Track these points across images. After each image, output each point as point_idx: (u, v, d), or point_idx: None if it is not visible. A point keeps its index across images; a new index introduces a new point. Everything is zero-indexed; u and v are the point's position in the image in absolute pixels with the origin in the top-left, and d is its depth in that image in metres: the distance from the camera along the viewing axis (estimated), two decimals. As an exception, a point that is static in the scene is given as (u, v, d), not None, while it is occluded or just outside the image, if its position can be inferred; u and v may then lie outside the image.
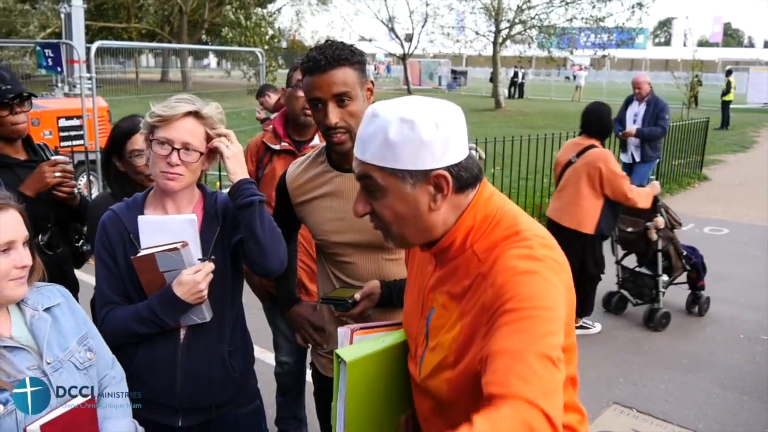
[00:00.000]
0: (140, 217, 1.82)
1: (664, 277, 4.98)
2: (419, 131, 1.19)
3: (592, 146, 4.52)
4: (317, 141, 2.80)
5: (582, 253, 4.49)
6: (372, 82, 1.89)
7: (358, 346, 1.48)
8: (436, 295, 1.35)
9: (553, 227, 4.49)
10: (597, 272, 4.69)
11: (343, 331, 1.52)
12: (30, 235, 1.54)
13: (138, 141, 2.25)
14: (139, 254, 1.77)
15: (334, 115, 1.78)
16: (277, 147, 2.88)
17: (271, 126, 3.03)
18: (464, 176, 1.25)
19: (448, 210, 1.27)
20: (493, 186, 1.37)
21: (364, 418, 1.43)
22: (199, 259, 1.81)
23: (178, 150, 1.77)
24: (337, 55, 1.76)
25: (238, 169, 1.81)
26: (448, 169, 1.22)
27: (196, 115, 1.80)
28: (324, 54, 1.76)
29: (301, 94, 2.77)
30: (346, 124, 1.79)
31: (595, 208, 4.46)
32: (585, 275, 4.50)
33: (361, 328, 1.54)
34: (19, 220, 1.51)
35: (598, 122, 4.55)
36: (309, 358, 3.04)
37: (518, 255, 1.19)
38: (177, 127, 1.77)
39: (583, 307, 4.68)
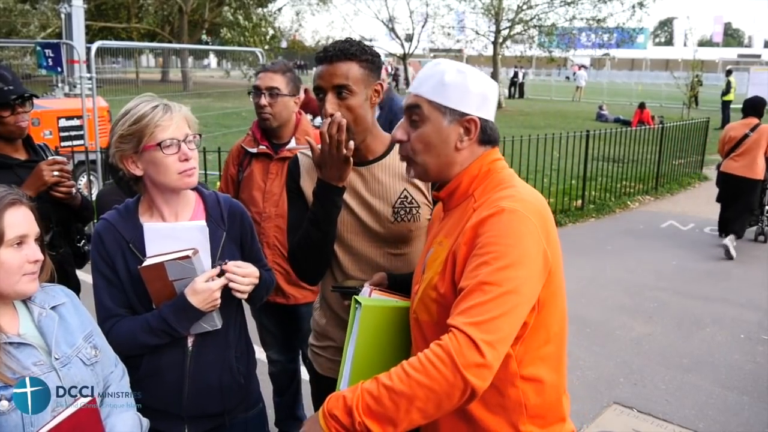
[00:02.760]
0: (146, 225, 1.78)
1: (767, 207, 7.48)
2: (468, 81, 1.48)
3: (758, 123, 6.87)
4: (293, 144, 2.82)
5: (753, 194, 6.93)
6: (381, 84, 1.88)
7: (375, 299, 1.68)
8: (438, 238, 1.56)
9: (734, 180, 6.91)
10: (756, 207, 7.17)
11: (364, 290, 1.74)
12: (41, 232, 1.56)
13: None
14: (146, 263, 1.71)
15: (331, 105, 1.79)
16: (254, 150, 2.90)
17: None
18: (488, 132, 1.53)
19: (467, 155, 1.52)
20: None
21: (369, 368, 1.55)
22: (217, 276, 1.77)
23: (185, 142, 1.75)
24: (345, 49, 1.80)
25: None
26: (479, 119, 1.49)
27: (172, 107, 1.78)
28: (334, 46, 1.82)
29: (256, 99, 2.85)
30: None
31: (764, 163, 6.84)
32: (750, 209, 7.04)
33: (380, 290, 1.74)
34: (31, 216, 1.54)
35: (757, 106, 7.01)
36: (303, 358, 3.08)
37: (504, 196, 1.42)
38: (176, 124, 1.74)
39: (741, 230, 7.06)
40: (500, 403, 1.42)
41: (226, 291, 1.80)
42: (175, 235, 1.76)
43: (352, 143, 1.74)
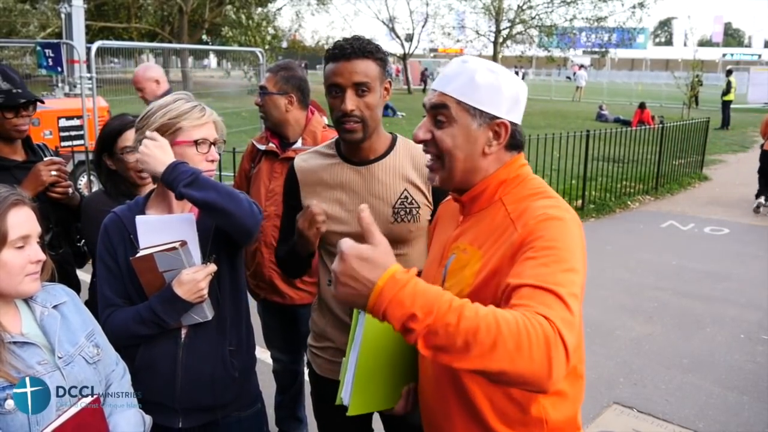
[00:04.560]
0: (138, 217, 1.82)
1: None
2: (500, 81, 1.40)
3: None
4: (299, 144, 2.84)
5: None
6: (390, 82, 1.93)
7: None
8: (458, 243, 1.46)
9: None
10: None
11: None
12: (42, 232, 1.58)
13: (129, 138, 2.29)
14: (137, 255, 1.76)
15: (351, 102, 1.82)
16: (263, 147, 2.95)
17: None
18: (516, 137, 1.45)
19: (493, 161, 1.44)
20: None
21: (372, 375, 1.51)
22: (203, 262, 1.81)
23: (214, 145, 1.85)
24: (363, 46, 1.83)
25: (156, 167, 1.71)
26: (510, 123, 1.41)
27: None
28: (351, 44, 1.83)
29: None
30: (361, 114, 1.83)
31: None
32: None
33: None
34: (33, 216, 1.56)
35: None
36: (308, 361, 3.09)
37: (547, 205, 1.34)
38: (209, 126, 1.85)
39: None
40: (521, 420, 1.38)
41: (217, 286, 1.84)
42: (164, 226, 1.80)
43: (324, 227, 1.84)
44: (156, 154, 1.72)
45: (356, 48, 1.81)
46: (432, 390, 1.50)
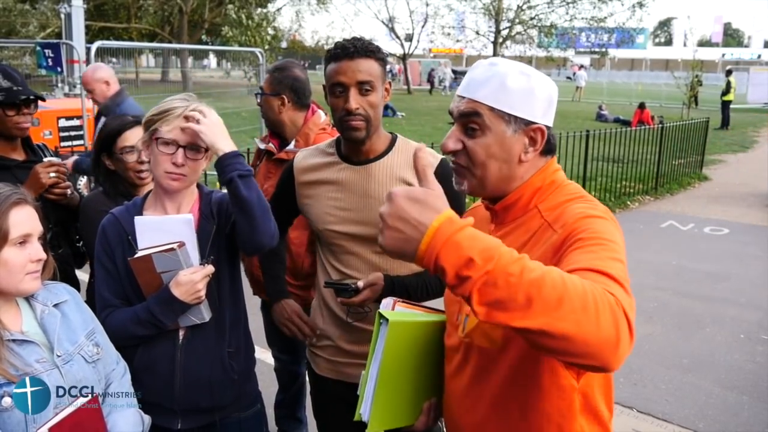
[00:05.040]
0: (137, 218, 1.81)
1: None
2: (533, 85, 1.32)
3: None
4: (291, 146, 2.84)
5: None
6: (390, 82, 1.96)
7: (401, 313, 1.52)
8: None
9: None
10: None
11: (386, 301, 1.58)
12: (45, 231, 1.59)
13: (128, 138, 2.29)
14: (135, 255, 1.76)
15: (354, 100, 1.83)
16: (263, 146, 2.97)
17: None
18: (551, 141, 1.38)
19: (529, 168, 1.36)
20: None
21: (394, 389, 1.44)
22: (201, 263, 1.80)
23: (184, 148, 1.76)
24: (366, 46, 1.85)
25: (216, 141, 1.72)
26: (546, 127, 1.34)
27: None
28: (353, 43, 1.85)
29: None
30: (365, 112, 1.84)
31: None
32: None
33: (404, 301, 1.59)
34: (35, 215, 1.56)
35: None
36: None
37: (585, 206, 1.28)
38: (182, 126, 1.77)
39: None
40: None
41: (216, 287, 1.84)
42: (163, 227, 1.79)
43: (361, 283, 1.84)
44: (218, 130, 1.74)
45: (359, 47, 1.83)
46: (460, 407, 1.42)
